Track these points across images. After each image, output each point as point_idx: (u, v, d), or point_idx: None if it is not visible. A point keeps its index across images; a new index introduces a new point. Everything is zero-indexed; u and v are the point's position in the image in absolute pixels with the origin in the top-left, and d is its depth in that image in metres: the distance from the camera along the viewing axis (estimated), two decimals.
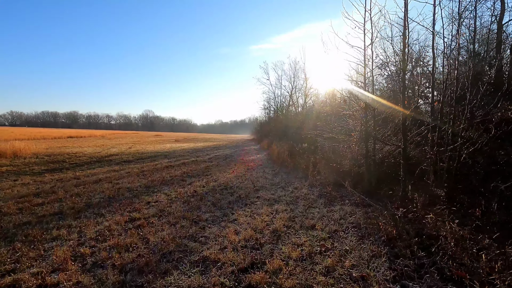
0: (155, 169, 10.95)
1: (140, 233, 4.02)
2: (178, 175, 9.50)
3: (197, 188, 7.33)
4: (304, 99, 25.66)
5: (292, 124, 26.04)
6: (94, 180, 8.31)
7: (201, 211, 5.21)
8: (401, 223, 4.02)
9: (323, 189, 7.17)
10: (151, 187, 7.44)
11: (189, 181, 8.47)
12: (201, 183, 8.10)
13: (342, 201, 6.01)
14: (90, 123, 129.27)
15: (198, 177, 9.20)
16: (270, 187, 7.63)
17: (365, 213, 5.10)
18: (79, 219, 4.60)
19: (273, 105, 38.41)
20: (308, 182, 8.05)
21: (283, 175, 9.62)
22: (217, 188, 7.47)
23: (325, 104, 17.69)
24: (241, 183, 8.26)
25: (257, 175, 9.73)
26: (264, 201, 6.09)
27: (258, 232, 4.14)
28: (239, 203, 5.95)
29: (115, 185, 7.48)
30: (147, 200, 5.96)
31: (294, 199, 6.33)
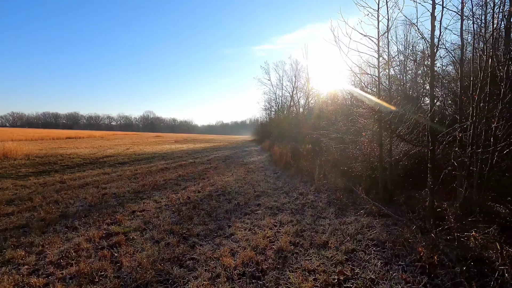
0: (149, 171, 10.19)
1: (115, 253, 3.25)
2: (173, 178, 8.74)
3: (192, 194, 6.56)
4: (306, 99, 24.91)
5: (294, 124, 25.29)
6: (80, 184, 7.56)
7: (192, 223, 4.43)
8: (439, 243, 3.23)
9: (332, 195, 6.39)
10: (141, 192, 6.68)
11: (184, 185, 7.70)
12: (197, 187, 7.33)
13: (355, 210, 5.22)
14: (91, 124, 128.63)
15: (194, 180, 8.42)
16: (272, 193, 6.86)
17: (385, 226, 4.32)
18: (45, 234, 3.83)
19: (274, 105, 37.70)
20: (314, 187, 7.27)
21: (286, 179, 8.84)
22: (214, 193, 6.70)
23: (329, 104, 16.95)
24: (240, 187, 7.48)
25: (258, 178, 8.96)
26: (266, 210, 5.31)
27: (259, 253, 3.36)
28: (237, 212, 5.17)
29: (101, 190, 6.72)
30: (133, 208, 5.19)
31: (300, 207, 5.55)
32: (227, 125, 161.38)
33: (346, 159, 8.12)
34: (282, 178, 8.99)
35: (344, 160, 8.19)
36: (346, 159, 8.09)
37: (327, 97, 19.21)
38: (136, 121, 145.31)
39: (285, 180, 8.68)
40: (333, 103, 17.72)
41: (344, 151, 8.44)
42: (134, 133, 54.95)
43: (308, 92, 23.86)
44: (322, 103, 18.42)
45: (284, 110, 34.33)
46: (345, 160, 8.15)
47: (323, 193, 6.66)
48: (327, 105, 17.68)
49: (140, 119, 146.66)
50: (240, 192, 6.92)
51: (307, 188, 7.37)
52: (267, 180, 8.66)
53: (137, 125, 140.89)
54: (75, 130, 48.40)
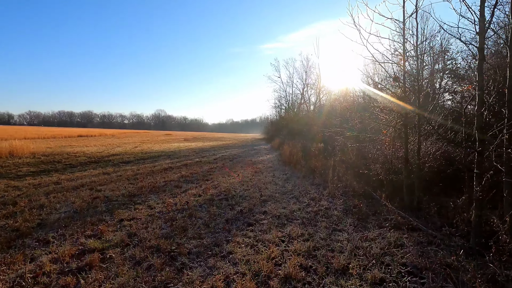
0: (151, 171, 9.64)
1: (81, 280, 2.61)
2: (175, 179, 8.13)
3: (191, 198, 5.90)
4: (317, 96, 23.94)
5: (304, 122, 24.39)
6: (75, 185, 7.04)
7: (185, 236, 3.76)
8: (498, 276, 2.41)
9: (349, 202, 5.59)
10: (136, 196, 6.07)
11: (184, 187, 7.06)
12: (198, 190, 6.67)
13: (377, 221, 4.42)
14: (104, 123, 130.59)
15: (197, 182, 7.78)
16: (280, 197, 6.11)
17: (417, 244, 3.51)
18: (11, 250, 3.25)
19: (284, 103, 36.79)
20: (327, 191, 6.48)
21: (296, 181, 8.07)
22: (216, 198, 6.02)
23: (341, 101, 16.00)
24: (245, 190, 6.78)
25: (265, 180, 8.23)
26: (272, 219, 4.58)
27: (261, 283, 2.65)
28: (239, 222, 4.47)
29: (94, 193, 6.16)
30: (122, 216, 4.56)
31: (312, 216, 4.79)
32: (237, 124, 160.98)
33: (363, 159, 7.27)
34: (291, 180, 8.22)
35: (360, 161, 7.35)
36: (363, 160, 7.25)
37: (339, 94, 18.25)
38: (147, 119, 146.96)
39: (295, 182, 7.92)
40: (345, 100, 16.76)
41: (360, 150, 7.60)
42: (145, 132, 55.22)
43: (319, 89, 22.88)
44: (334, 100, 17.46)
45: (295, 108, 33.40)
46: (361, 160, 7.31)
47: (338, 199, 5.86)
48: (339, 102, 16.74)
49: (151, 117, 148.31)
50: (245, 196, 6.21)
51: (320, 192, 6.59)
52: (276, 182, 7.92)
53: (148, 123, 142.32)
54: (87, 129, 48.93)
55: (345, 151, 8.87)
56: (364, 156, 7.22)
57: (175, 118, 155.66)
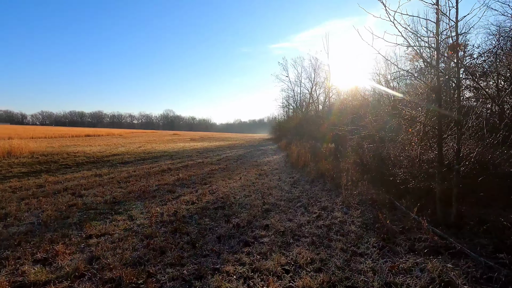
0: (148, 173, 8.88)
1: None
2: (170, 182, 7.32)
3: (182, 206, 5.06)
4: (327, 95, 22.88)
5: (313, 121, 23.37)
6: (58, 189, 6.31)
7: (161, 262, 2.90)
8: None
9: (367, 213, 4.64)
10: (120, 203, 5.28)
11: (178, 192, 6.24)
12: (192, 196, 5.83)
13: (407, 242, 3.46)
14: (113, 123, 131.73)
15: (193, 186, 6.95)
16: (286, 206, 5.21)
17: (471, 280, 2.57)
18: None
19: (292, 103, 35.79)
20: (341, 199, 5.54)
21: (305, 185, 7.15)
22: (211, 206, 5.16)
23: (353, 99, 14.95)
24: (246, 197, 5.91)
25: (270, 184, 7.33)
26: (275, 237, 3.68)
27: None
28: (234, 239, 3.59)
29: (74, 199, 5.40)
30: (92, 230, 3.74)
31: (324, 232, 3.88)
32: (245, 124, 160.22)
33: (382, 161, 6.30)
34: (299, 184, 7.30)
35: (378, 163, 6.38)
36: (382, 162, 6.27)
37: (349, 92, 17.19)
38: (156, 119, 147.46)
39: (303, 187, 6.99)
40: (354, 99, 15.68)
41: (378, 152, 6.62)
42: (152, 131, 55.06)
43: (328, 88, 21.83)
44: (344, 99, 16.41)
45: (303, 108, 32.37)
46: (379, 163, 6.34)
47: (355, 209, 4.91)
48: (351, 99, 15.69)
49: (160, 117, 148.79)
50: (245, 204, 5.33)
51: (332, 199, 5.66)
52: (281, 186, 7.01)
53: (157, 123, 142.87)
54: (95, 128, 48.95)
55: (359, 153, 7.90)
56: (383, 158, 6.24)
57: (183, 118, 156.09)
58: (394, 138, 5.95)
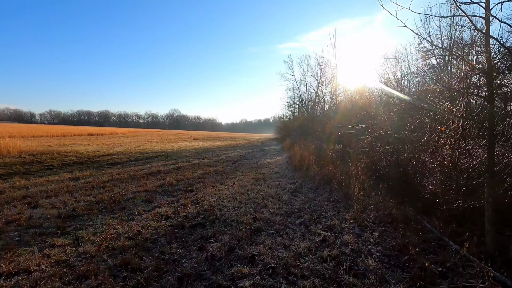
0: (132, 176, 7.89)
1: None
2: (151, 189, 6.29)
3: (151, 224, 4.00)
4: (333, 94, 21.62)
5: (318, 121, 22.15)
6: (16, 196, 5.31)
7: None
8: None
9: (389, 238, 3.49)
10: (78, 217, 4.25)
11: (156, 202, 5.20)
12: (170, 209, 4.77)
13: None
14: (120, 122, 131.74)
15: (177, 194, 5.88)
16: (282, 224, 4.10)
17: None
18: None
19: (297, 102, 34.54)
20: (352, 214, 4.40)
21: (308, 194, 6.02)
22: (188, 223, 4.09)
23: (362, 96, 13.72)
24: (236, 209, 4.82)
25: (267, 192, 6.23)
26: (261, 278, 2.60)
27: None
28: (201, 284, 2.52)
29: (23, 212, 4.40)
30: (7, 266, 2.73)
31: (331, 270, 2.76)
32: (250, 123, 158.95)
33: (402, 168, 5.13)
34: (301, 192, 6.18)
35: (397, 170, 5.21)
36: (403, 169, 5.10)
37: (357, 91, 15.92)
38: (162, 119, 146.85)
39: (305, 196, 5.87)
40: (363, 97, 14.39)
41: (396, 155, 5.45)
42: (157, 131, 54.45)
43: (335, 87, 20.60)
44: (352, 97, 15.17)
45: (308, 107, 31.10)
46: (399, 169, 5.17)
47: (371, 231, 3.77)
48: (359, 97, 14.45)
49: (166, 117, 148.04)
50: (232, 220, 4.25)
51: (340, 214, 4.53)
52: (280, 195, 5.90)
53: (163, 122, 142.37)
54: (99, 127, 48.39)
55: (372, 156, 6.74)
56: (403, 164, 5.07)
57: (189, 118, 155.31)
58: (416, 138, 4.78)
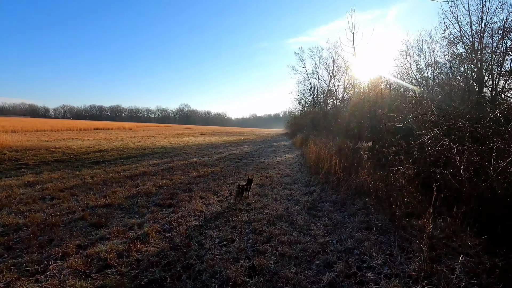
0: (107, 180, 6.25)
1: None
2: (117, 202, 4.55)
3: (70, 282, 2.28)
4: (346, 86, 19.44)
5: (333, 115, 20.06)
6: None
7: None
8: None
9: None
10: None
11: (108, 227, 3.43)
12: (123, 241, 3.00)
13: None
14: (131, 116, 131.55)
15: (146, 212, 4.11)
16: (300, 284, 2.30)
17: None
18: None
19: (308, 96, 32.37)
20: (418, 265, 2.52)
21: (333, 213, 4.13)
22: (135, 279, 2.34)
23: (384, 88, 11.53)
24: (225, 244, 3.01)
25: (274, 207, 4.39)
26: None
27: None
28: None
29: None
30: None
31: None
32: (260, 118, 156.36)
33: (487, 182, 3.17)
34: (322, 210, 4.30)
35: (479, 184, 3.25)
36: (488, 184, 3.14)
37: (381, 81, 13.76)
38: (172, 113, 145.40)
39: (330, 216, 3.99)
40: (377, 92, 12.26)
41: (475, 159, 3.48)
42: (166, 125, 53.27)
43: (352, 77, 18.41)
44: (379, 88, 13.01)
45: (320, 101, 28.90)
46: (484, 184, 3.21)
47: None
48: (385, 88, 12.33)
49: (176, 111, 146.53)
50: (213, 273, 2.45)
51: (396, 262, 2.63)
52: (292, 215, 4.04)
53: (173, 117, 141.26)
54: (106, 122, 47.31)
55: (419, 158, 4.76)
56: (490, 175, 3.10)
57: (199, 113, 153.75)
58: None
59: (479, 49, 13.21)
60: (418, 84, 17.88)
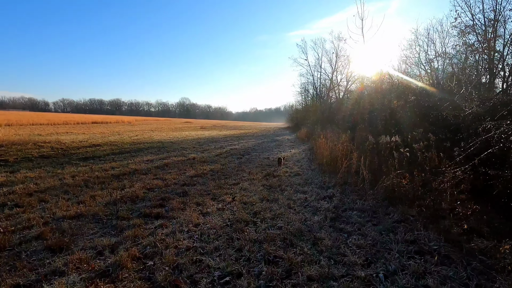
0: (91, 179, 5.34)
1: None
2: (92, 210, 3.63)
3: None
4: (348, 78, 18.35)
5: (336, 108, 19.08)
6: None
7: None
8: None
9: None
10: None
11: (69, 252, 2.55)
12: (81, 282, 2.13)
13: None
14: (131, 110, 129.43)
15: (126, 226, 3.17)
16: None
17: None
18: None
19: (311, 89, 31.25)
20: None
21: (365, 227, 3.18)
22: None
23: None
24: (227, 271, 2.12)
25: (288, 217, 3.46)
26: None
27: None
28: None
29: None
30: None
31: None
32: (260, 112, 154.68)
33: None
34: (350, 222, 3.37)
35: None
36: None
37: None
38: (172, 107, 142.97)
39: (361, 231, 3.06)
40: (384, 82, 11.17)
41: None
42: (165, 119, 52.18)
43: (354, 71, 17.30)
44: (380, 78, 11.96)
45: (323, 94, 27.82)
46: None
47: None
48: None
49: (176, 105, 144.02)
50: None
51: None
52: (312, 228, 3.11)
53: (173, 111, 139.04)
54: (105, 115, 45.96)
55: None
56: None
57: (199, 107, 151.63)
58: None
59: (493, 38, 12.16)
60: (426, 76, 16.89)
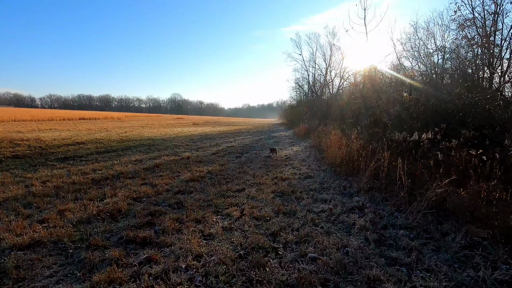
0: (65, 185, 4.32)
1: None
2: (50, 239, 2.68)
3: None
4: (341, 73, 17.58)
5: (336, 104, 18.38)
6: None
7: None
8: None
9: None
10: None
11: None
12: None
13: None
14: (121, 106, 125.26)
15: (96, 263, 2.26)
16: None
17: None
18: None
19: (305, 84, 30.42)
20: None
21: (421, 253, 2.30)
22: None
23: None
24: None
25: (319, 242, 2.59)
26: None
27: None
28: None
29: None
30: None
31: None
32: (253, 108, 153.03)
33: None
34: (400, 246, 2.52)
35: None
36: None
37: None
38: (164, 103, 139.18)
39: (424, 263, 2.20)
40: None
41: None
42: (156, 115, 50.47)
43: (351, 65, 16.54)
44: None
45: (316, 88, 27.03)
46: None
47: None
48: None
49: (167, 101, 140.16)
50: None
51: None
52: (357, 261, 2.24)
53: (165, 107, 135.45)
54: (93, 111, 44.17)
55: None
56: None
57: (191, 102, 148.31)
58: None
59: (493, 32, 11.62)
60: (426, 69, 16.37)
